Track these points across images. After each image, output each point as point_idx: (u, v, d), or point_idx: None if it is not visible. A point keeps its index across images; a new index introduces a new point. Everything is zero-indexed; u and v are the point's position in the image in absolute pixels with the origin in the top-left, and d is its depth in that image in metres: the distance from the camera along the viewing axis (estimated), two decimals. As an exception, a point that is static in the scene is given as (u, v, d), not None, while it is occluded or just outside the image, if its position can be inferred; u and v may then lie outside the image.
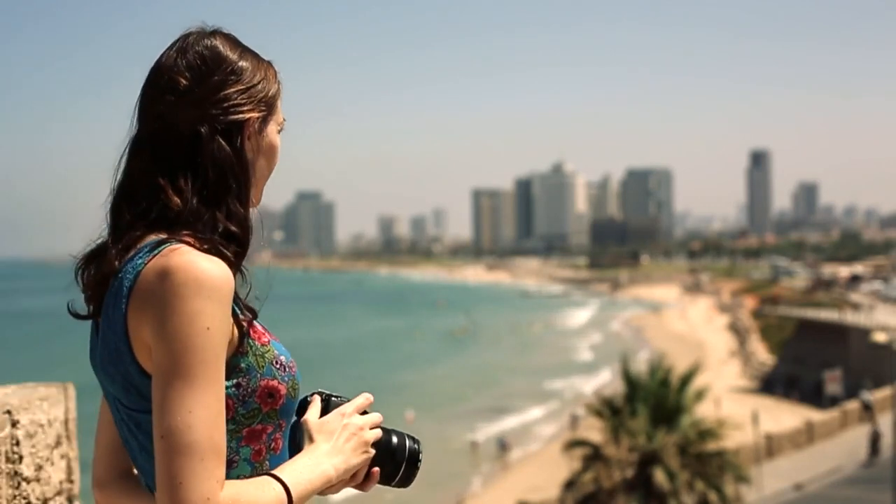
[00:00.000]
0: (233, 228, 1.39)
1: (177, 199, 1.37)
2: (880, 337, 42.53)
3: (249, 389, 1.37)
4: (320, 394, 1.54)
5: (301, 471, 1.38)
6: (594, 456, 20.79)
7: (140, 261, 1.33)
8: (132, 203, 1.41)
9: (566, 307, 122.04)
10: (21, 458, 2.27)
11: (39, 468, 2.35)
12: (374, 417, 1.53)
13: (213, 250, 1.34)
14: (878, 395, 36.28)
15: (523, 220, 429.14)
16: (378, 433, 1.52)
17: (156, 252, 1.33)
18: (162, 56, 1.46)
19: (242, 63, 1.46)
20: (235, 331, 1.36)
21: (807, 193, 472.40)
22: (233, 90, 1.43)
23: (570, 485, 20.96)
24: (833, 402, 38.58)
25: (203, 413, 1.26)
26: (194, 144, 1.39)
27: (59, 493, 2.46)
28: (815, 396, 42.79)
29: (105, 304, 1.38)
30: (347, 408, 1.51)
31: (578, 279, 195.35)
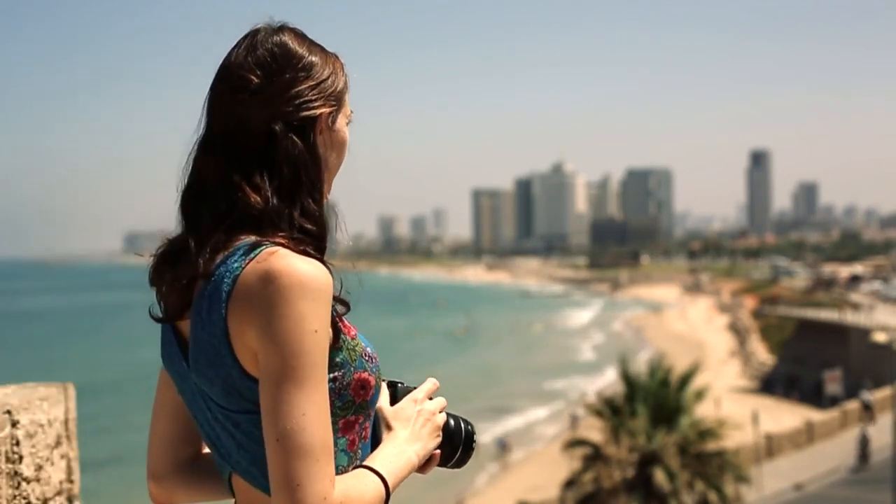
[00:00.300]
0: (309, 226, 1.40)
1: (256, 197, 1.37)
2: (880, 337, 42.52)
3: (345, 383, 1.39)
4: (386, 381, 1.57)
5: (391, 460, 1.43)
6: (594, 456, 20.78)
7: (236, 264, 1.33)
8: (208, 203, 1.40)
9: (567, 307, 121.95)
10: (21, 458, 2.28)
11: (39, 468, 2.36)
12: (442, 402, 1.57)
13: (307, 251, 1.35)
14: (878, 395, 36.28)
15: (523, 220, 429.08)
16: (444, 417, 1.57)
17: (252, 256, 1.33)
18: (231, 54, 1.45)
19: (312, 58, 1.46)
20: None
21: (807, 193, 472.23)
22: (304, 86, 1.43)
23: (570, 485, 20.97)
24: (833, 402, 38.56)
25: (315, 415, 1.29)
26: (268, 142, 1.39)
27: (59, 493, 2.46)
28: (815, 396, 42.79)
29: (197, 307, 1.37)
30: (418, 393, 1.56)
31: (578, 279, 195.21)
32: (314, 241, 1.40)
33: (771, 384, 50.51)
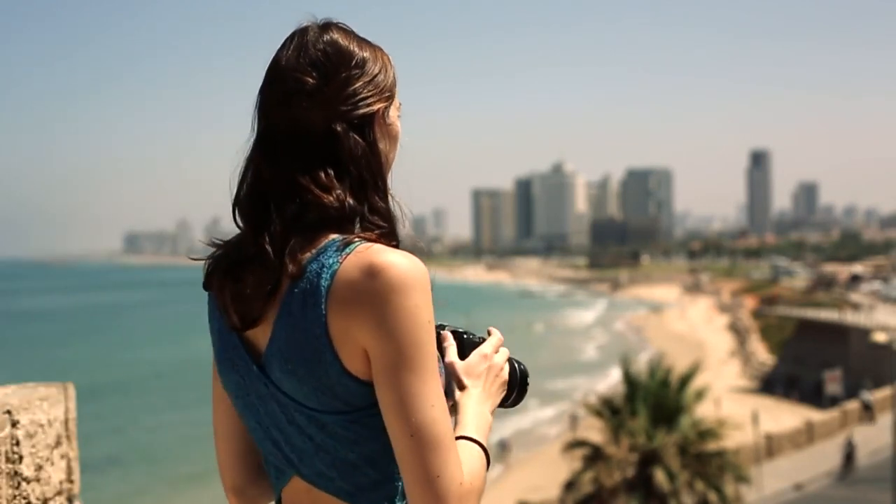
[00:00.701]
0: (381, 222, 1.40)
1: (330, 198, 1.37)
2: (880, 337, 42.52)
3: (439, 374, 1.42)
4: (449, 328, 1.58)
5: (480, 425, 1.47)
6: (594, 456, 20.77)
7: (332, 260, 1.32)
8: (276, 206, 1.38)
9: (569, 307, 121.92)
10: (21, 458, 2.28)
11: (39, 468, 2.36)
12: (506, 353, 1.59)
13: (396, 246, 1.37)
14: (878, 395, 36.27)
15: (523, 220, 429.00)
16: (508, 368, 1.59)
17: (347, 251, 1.32)
18: (281, 56, 1.44)
19: (364, 54, 1.45)
20: None
21: (807, 193, 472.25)
22: (359, 84, 1.42)
23: (570, 485, 20.94)
24: (833, 402, 38.55)
25: (441, 404, 1.31)
26: (331, 143, 1.39)
27: (59, 493, 2.46)
28: (815, 396, 42.78)
29: (286, 307, 1.35)
30: (487, 348, 1.56)
31: (578, 279, 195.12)
32: (388, 236, 1.40)
33: (771, 384, 50.48)
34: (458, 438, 1.40)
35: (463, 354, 1.55)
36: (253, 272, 1.38)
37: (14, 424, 2.26)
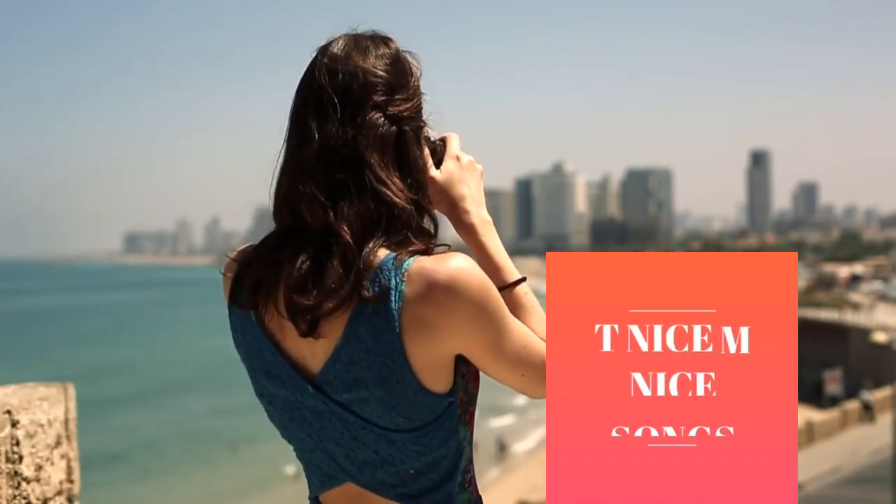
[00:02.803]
0: (429, 227, 1.46)
1: (402, 199, 1.40)
2: (880, 337, 42.57)
3: (468, 377, 1.46)
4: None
5: (503, 253, 1.60)
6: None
7: (395, 280, 1.34)
8: (355, 189, 1.38)
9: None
10: (21, 458, 2.28)
11: (39, 468, 2.36)
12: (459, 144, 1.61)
13: (433, 251, 1.41)
14: (878, 395, 36.28)
15: (523, 220, 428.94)
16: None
17: (406, 268, 1.35)
18: (353, 53, 1.44)
19: (416, 73, 1.50)
20: None
21: (807, 193, 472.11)
22: (419, 97, 1.48)
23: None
24: (833, 402, 38.57)
25: (527, 336, 1.44)
26: (401, 143, 1.43)
27: (59, 493, 2.46)
28: (815, 396, 42.77)
29: (352, 329, 1.35)
30: (455, 149, 1.59)
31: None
32: (432, 241, 1.44)
33: (771, 384, 50.46)
34: (503, 288, 1.51)
35: (435, 160, 1.56)
36: (326, 268, 1.35)
37: (14, 424, 2.26)
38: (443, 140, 1.58)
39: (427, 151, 1.53)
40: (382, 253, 1.36)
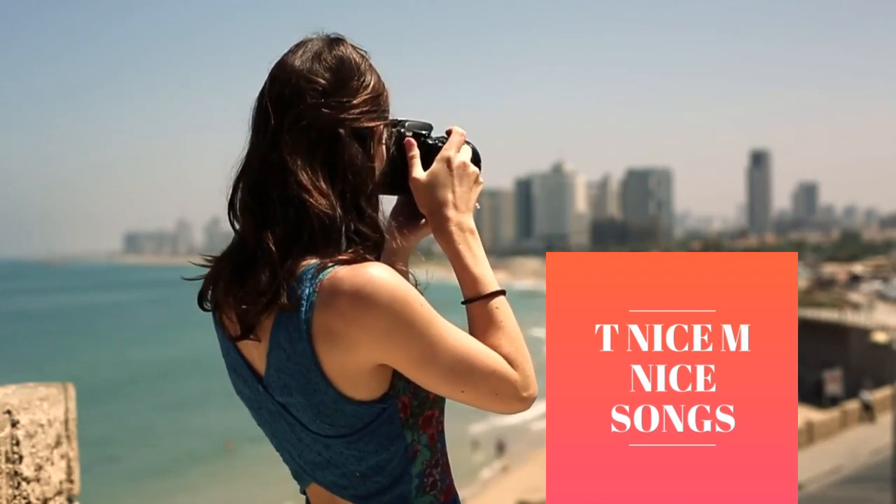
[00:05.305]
0: (369, 232, 1.42)
1: (324, 204, 1.37)
2: (880, 337, 42.57)
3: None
4: (413, 133, 1.55)
5: (486, 269, 1.53)
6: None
7: (308, 290, 1.34)
8: (278, 201, 1.38)
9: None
10: (21, 458, 2.28)
11: (39, 468, 2.36)
12: (468, 151, 1.56)
13: (366, 258, 1.37)
14: (878, 395, 36.28)
15: (523, 220, 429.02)
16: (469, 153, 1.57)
17: (321, 278, 1.33)
18: (292, 58, 1.45)
19: (370, 74, 1.48)
20: None
21: (807, 193, 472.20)
22: (366, 97, 1.45)
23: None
24: (833, 402, 38.56)
25: (460, 339, 1.38)
26: (334, 146, 1.41)
27: (59, 493, 2.46)
28: (815, 396, 42.77)
29: (275, 336, 1.37)
30: (450, 150, 1.54)
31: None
32: (373, 248, 1.41)
33: (771, 384, 50.48)
34: (473, 300, 1.46)
35: (429, 161, 1.52)
36: (254, 274, 1.38)
37: (14, 424, 2.26)
38: (446, 136, 1.56)
39: (416, 152, 1.51)
40: (309, 261, 1.36)
